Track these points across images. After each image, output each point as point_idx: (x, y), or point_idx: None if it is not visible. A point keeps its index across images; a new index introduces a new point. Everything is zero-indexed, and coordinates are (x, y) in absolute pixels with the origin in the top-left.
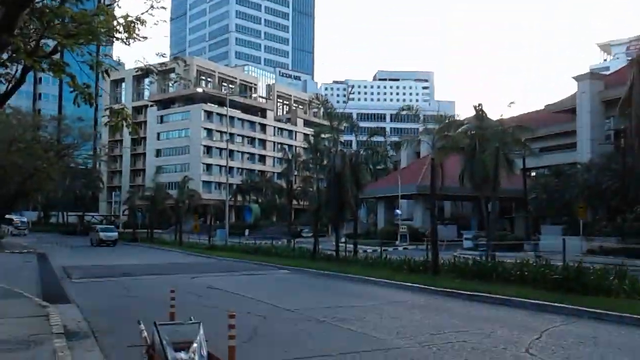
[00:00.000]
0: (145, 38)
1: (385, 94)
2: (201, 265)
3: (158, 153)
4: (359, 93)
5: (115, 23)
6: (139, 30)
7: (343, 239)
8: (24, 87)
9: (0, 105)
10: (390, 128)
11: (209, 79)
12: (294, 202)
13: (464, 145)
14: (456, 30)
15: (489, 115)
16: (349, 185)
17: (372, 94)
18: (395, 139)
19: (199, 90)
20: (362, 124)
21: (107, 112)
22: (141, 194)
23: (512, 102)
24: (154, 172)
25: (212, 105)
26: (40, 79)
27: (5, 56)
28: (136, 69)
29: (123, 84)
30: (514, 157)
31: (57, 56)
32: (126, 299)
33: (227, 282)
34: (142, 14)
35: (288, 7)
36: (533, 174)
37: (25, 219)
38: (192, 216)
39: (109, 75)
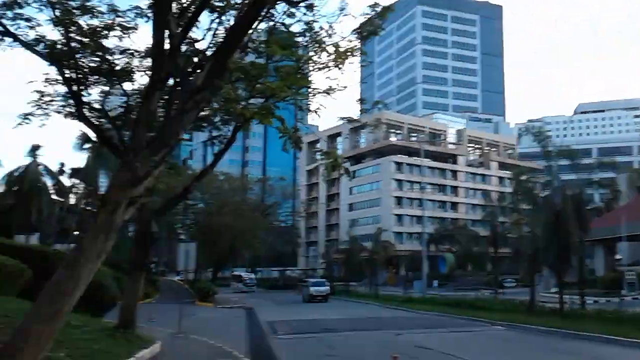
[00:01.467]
0: (345, 87)
1: (588, 127)
2: (402, 320)
3: (351, 207)
4: (557, 130)
5: (325, 57)
6: (350, 61)
7: (554, 289)
8: (234, 156)
9: (214, 164)
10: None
11: (397, 131)
12: (492, 250)
13: None
14: None
15: None
16: (571, 227)
17: (572, 129)
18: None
19: (393, 139)
20: (564, 162)
21: (320, 155)
22: (336, 247)
23: None
24: (347, 226)
25: (402, 156)
26: (248, 148)
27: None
28: (341, 118)
29: (318, 145)
30: None
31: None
32: (331, 359)
33: (436, 340)
34: (352, 45)
35: (476, 51)
36: None
37: (253, 276)
38: (386, 268)
39: (319, 116)
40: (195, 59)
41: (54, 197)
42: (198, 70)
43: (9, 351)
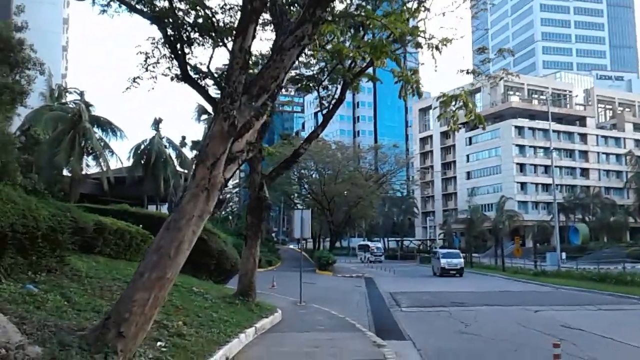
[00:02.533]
0: (462, 37)
1: None
2: (538, 295)
3: (468, 175)
4: None
5: None
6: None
7: None
8: (345, 126)
9: (324, 124)
10: None
11: (517, 93)
12: (631, 220)
13: None
14: None
15: None
16: None
17: None
18: None
19: (514, 100)
20: None
21: (438, 103)
22: (454, 217)
23: None
24: (466, 195)
25: (523, 119)
26: (358, 117)
27: (323, 78)
28: (460, 70)
29: (430, 111)
30: None
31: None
32: (468, 337)
33: (584, 318)
34: None
35: (601, 3)
36: None
37: (380, 245)
38: (511, 239)
39: (440, 52)
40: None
41: (178, 168)
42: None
43: (114, 321)
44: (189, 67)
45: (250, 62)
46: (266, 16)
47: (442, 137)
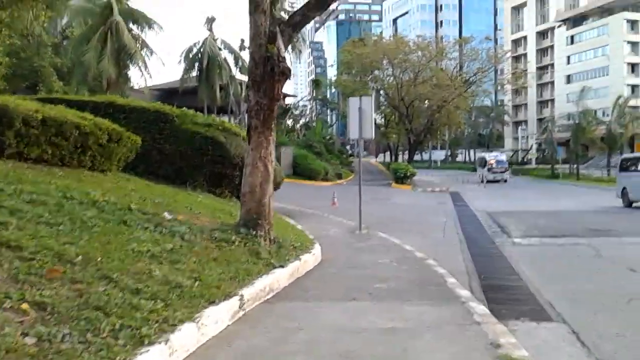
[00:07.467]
0: None
1: None
2: None
3: (568, 79)
4: None
5: None
6: None
7: None
8: (427, 31)
9: None
10: None
11: None
12: None
13: None
14: None
15: None
16: None
17: None
18: None
19: None
20: None
21: None
22: (550, 125)
23: None
24: (564, 102)
25: (638, 13)
26: (441, 22)
27: None
28: None
29: (525, 9)
30: None
31: None
32: None
33: None
34: None
35: None
36: None
37: (503, 158)
38: (629, 148)
39: None
40: None
41: (237, 75)
42: None
43: None
44: None
45: None
46: None
47: (537, 38)
